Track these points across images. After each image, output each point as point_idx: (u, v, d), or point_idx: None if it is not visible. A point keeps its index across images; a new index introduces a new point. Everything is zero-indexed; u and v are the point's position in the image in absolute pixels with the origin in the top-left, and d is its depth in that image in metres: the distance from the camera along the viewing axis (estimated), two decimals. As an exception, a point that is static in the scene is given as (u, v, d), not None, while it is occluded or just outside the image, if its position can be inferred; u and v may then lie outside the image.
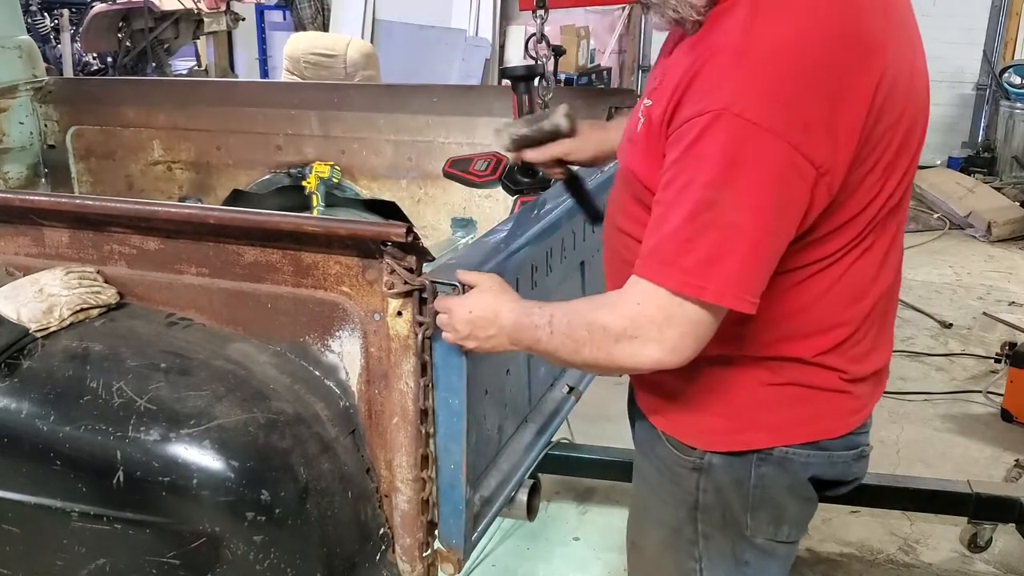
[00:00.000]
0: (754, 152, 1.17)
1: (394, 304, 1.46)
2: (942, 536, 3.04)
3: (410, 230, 1.39)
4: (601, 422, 3.47)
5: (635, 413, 1.60)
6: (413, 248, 1.42)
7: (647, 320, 1.24)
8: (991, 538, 2.88)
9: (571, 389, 2.19)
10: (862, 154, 1.24)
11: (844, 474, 1.47)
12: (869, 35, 1.24)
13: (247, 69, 9.96)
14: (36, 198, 1.81)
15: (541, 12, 2.36)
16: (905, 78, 1.28)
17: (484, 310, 1.39)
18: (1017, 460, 3.23)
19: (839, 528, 3.08)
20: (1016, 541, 2.89)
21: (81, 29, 7.57)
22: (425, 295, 1.44)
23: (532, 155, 1.76)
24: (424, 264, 1.46)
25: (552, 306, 1.36)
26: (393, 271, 1.43)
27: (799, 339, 1.36)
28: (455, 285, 1.44)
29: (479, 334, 1.39)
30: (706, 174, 1.19)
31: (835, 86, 1.19)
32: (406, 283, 1.43)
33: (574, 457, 3.01)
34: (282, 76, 5.93)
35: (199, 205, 3.14)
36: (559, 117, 1.74)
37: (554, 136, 1.74)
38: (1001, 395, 3.92)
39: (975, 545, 2.89)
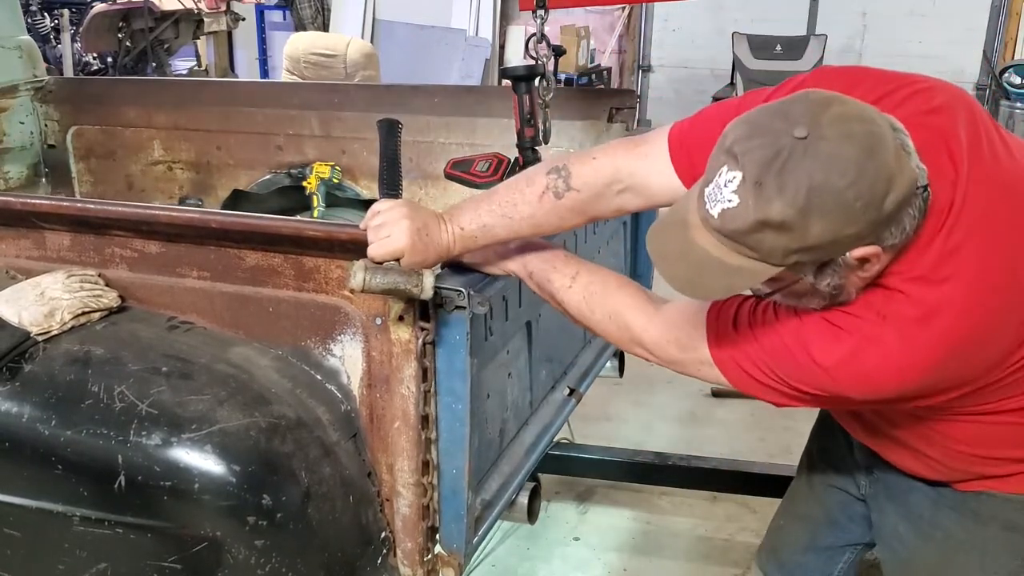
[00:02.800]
0: None
1: (396, 308, 1.46)
2: (942, 537, 3.03)
3: (412, 234, 1.39)
4: (601, 422, 3.48)
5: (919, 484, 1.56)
6: (415, 252, 1.42)
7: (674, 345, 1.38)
8: (991, 539, 2.87)
9: (572, 391, 2.19)
10: None
11: None
12: None
13: (247, 69, 9.95)
14: (38, 201, 1.81)
15: (541, 12, 2.36)
16: None
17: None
18: (1017, 461, 3.23)
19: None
20: (1016, 542, 2.89)
21: (81, 29, 7.56)
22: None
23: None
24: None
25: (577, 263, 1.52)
26: (395, 275, 1.43)
27: None
28: (460, 291, 1.44)
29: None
30: None
31: None
32: (408, 287, 1.43)
33: (574, 457, 3.00)
34: (282, 76, 5.93)
35: (200, 208, 3.14)
36: (425, 286, 1.39)
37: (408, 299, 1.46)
38: (1001, 396, 3.92)
39: (975, 546, 2.88)
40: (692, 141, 1.39)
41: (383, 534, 1.58)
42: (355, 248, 1.47)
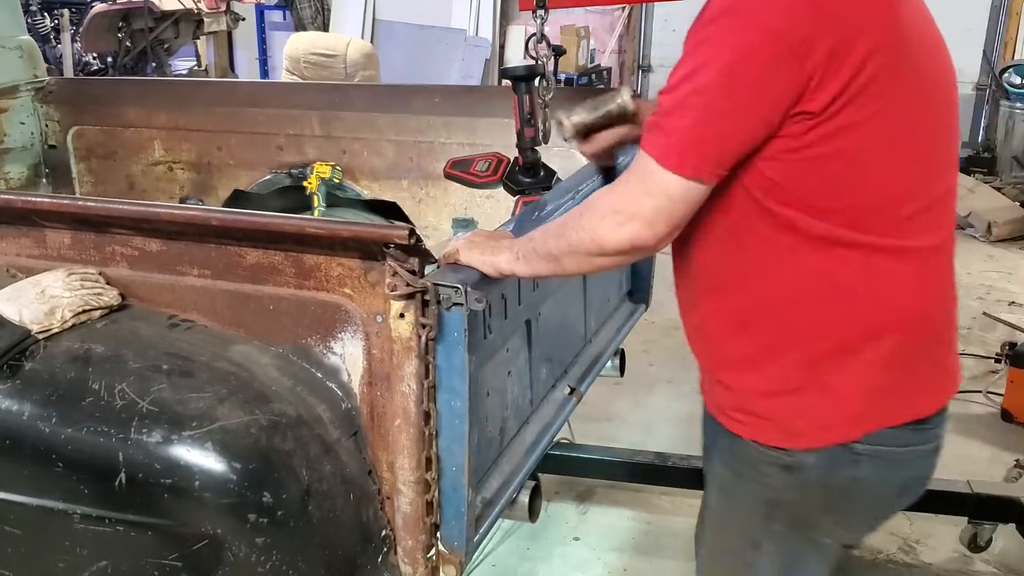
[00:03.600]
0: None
1: (396, 306, 1.46)
2: (942, 536, 3.04)
3: (413, 232, 1.39)
4: (601, 422, 3.48)
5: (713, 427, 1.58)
6: (415, 250, 1.42)
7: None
8: (991, 538, 2.88)
9: (572, 390, 2.19)
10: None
11: (926, 472, 1.55)
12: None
13: (247, 69, 9.96)
14: (38, 199, 1.82)
15: (541, 12, 2.36)
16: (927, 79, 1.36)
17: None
18: (1017, 460, 3.23)
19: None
20: (1016, 541, 2.89)
21: (81, 29, 7.57)
22: (427, 297, 1.44)
23: (597, 143, 1.77)
24: (426, 266, 1.47)
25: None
26: (395, 273, 1.43)
27: None
28: (457, 287, 1.44)
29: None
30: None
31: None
32: (408, 285, 1.43)
33: (574, 457, 3.01)
34: (282, 76, 5.94)
35: (201, 206, 3.14)
36: (625, 99, 1.70)
37: (621, 119, 1.73)
38: (1001, 395, 3.92)
39: (975, 545, 2.89)
40: None
41: (383, 532, 1.58)
42: (356, 246, 1.47)
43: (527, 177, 2.20)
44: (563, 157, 2.63)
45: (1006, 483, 3.11)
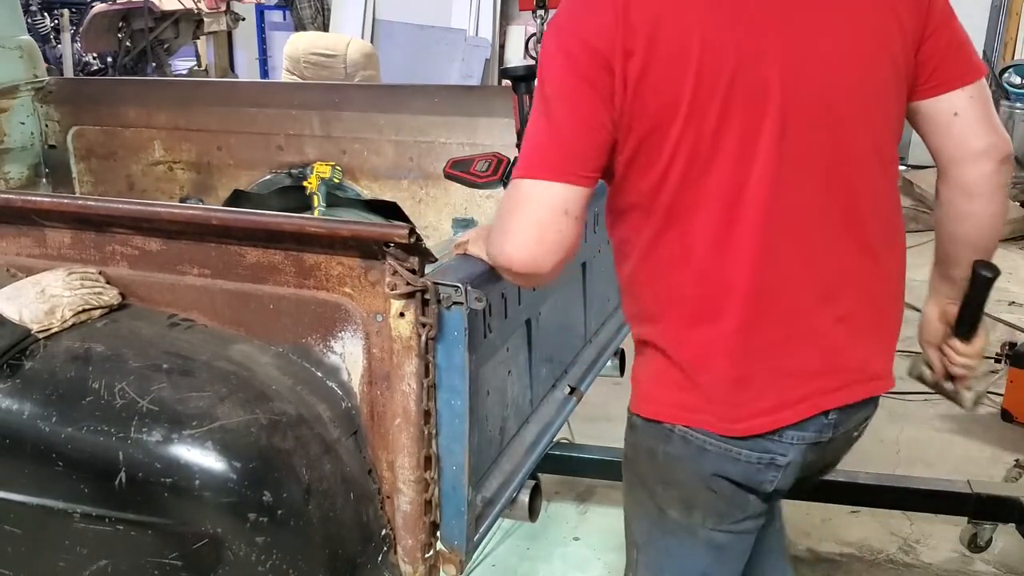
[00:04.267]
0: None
1: (396, 305, 1.46)
2: (942, 536, 3.04)
3: (413, 231, 1.39)
4: (601, 422, 3.48)
5: None
6: (416, 249, 1.42)
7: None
8: (991, 538, 2.88)
9: (573, 390, 2.19)
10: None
11: (751, 479, 1.45)
12: None
13: (247, 69, 9.97)
14: (38, 199, 1.82)
15: (541, 12, 2.37)
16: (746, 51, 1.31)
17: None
18: (1017, 460, 3.23)
19: (839, 528, 3.08)
20: (1016, 541, 2.89)
21: (81, 29, 7.57)
22: (427, 296, 1.45)
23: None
24: (426, 265, 1.47)
25: None
26: (395, 272, 1.43)
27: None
28: (457, 287, 1.44)
29: None
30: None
31: None
32: (408, 284, 1.43)
33: (574, 457, 3.01)
34: (282, 76, 5.94)
35: (201, 206, 3.14)
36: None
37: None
38: (1001, 395, 3.92)
39: (975, 545, 2.89)
40: None
41: (383, 531, 1.58)
42: (356, 245, 1.47)
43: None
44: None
45: (1006, 483, 3.11)
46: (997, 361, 4.16)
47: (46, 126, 3.49)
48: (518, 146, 2.37)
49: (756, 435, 1.41)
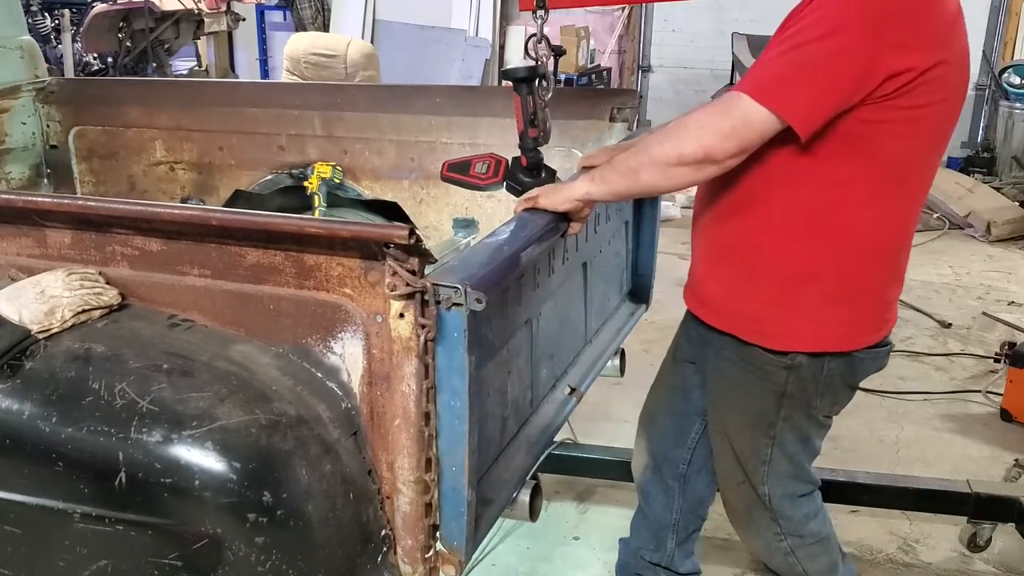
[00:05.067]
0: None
1: (396, 306, 1.46)
2: (942, 536, 3.04)
3: (413, 232, 1.39)
4: (602, 422, 3.48)
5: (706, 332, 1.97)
6: (416, 250, 1.42)
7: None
8: (991, 538, 2.88)
9: (573, 390, 2.19)
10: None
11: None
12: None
13: (247, 69, 9.97)
14: (38, 199, 1.82)
15: (541, 12, 2.36)
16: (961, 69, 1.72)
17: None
18: (1017, 460, 3.23)
19: (839, 528, 3.06)
20: (1016, 541, 2.89)
21: (82, 29, 7.57)
22: (427, 297, 1.45)
23: None
24: (426, 266, 1.47)
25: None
26: (395, 273, 1.43)
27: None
28: (456, 287, 1.44)
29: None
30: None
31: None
32: (408, 285, 1.43)
33: (575, 457, 3.01)
34: (282, 76, 5.94)
35: (201, 206, 3.15)
36: None
37: None
38: (1000, 395, 3.93)
39: (975, 545, 2.89)
40: None
41: (383, 532, 1.58)
42: (356, 245, 1.47)
43: (529, 177, 2.19)
44: (563, 156, 2.64)
45: (1006, 483, 3.11)
46: (997, 361, 4.17)
47: (47, 126, 3.50)
48: (521, 147, 2.37)
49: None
